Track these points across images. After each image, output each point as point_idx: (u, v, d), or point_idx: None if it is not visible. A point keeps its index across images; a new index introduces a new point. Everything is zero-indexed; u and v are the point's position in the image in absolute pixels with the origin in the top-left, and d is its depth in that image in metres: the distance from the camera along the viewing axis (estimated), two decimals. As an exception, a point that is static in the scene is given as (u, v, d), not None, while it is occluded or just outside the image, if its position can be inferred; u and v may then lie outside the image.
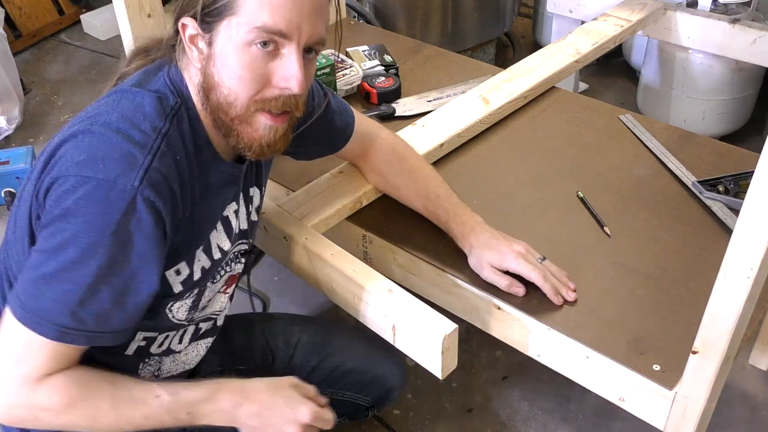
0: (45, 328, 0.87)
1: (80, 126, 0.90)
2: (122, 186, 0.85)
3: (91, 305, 0.87)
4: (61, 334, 0.88)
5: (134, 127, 0.89)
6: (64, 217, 0.86)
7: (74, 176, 0.86)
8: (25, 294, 0.88)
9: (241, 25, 0.88)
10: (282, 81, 0.92)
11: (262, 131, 0.95)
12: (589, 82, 2.75)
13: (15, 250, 0.97)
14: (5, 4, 3.04)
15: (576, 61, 1.75)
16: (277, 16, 0.88)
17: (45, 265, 0.87)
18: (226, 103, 0.92)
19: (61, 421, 0.92)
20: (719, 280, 0.84)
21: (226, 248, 1.07)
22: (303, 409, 1.03)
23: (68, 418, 0.92)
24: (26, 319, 0.87)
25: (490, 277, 1.15)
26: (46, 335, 0.87)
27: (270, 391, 1.03)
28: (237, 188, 1.07)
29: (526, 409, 1.66)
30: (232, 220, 1.08)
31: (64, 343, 0.88)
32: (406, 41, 1.98)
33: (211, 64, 0.92)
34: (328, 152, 1.30)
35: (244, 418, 1.01)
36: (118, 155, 0.87)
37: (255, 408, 1.01)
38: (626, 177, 1.42)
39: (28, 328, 0.87)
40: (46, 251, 0.87)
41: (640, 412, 1.07)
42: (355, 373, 1.39)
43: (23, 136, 2.65)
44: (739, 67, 2.20)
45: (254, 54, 0.90)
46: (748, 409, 1.63)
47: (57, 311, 0.87)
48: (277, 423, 1.01)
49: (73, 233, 0.85)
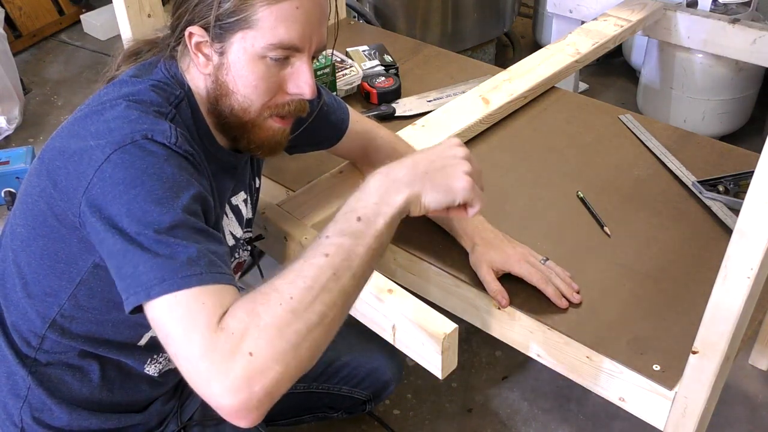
0: (197, 277, 0.77)
1: (88, 122, 0.89)
2: (161, 140, 0.85)
3: (208, 241, 0.82)
4: (215, 276, 0.79)
5: (145, 107, 0.91)
6: (125, 191, 0.81)
7: (113, 152, 0.83)
8: (144, 275, 0.78)
9: (257, 39, 0.91)
10: (295, 88, 0.96)
11: (272, 132, 0.99)
12: (589, 82, 2.75)
13: (32, 247, 0.96)
14: (5, 4, 3.04)
15: (576, 61, 1.75)
16: (292, 32, 0.91)
17: (142, 241, 0.79)
18: (240, 109, 0.96)
19: (270, 335, 0.74)
20: (719, 280, 0.84)
21: (239, 235, 1.12)
22: (457, 150, 0.91)
23: (269, 317, 0.75)
24: (163, 288, 0.77)
25: (485, 276, 1.15)
26: (204, 282, 0.77)
27: (417, 152, 0.92)
28: (241, 178, 1.11)
29: (526, 409, 1.66)
30: (242, 208, 1.12)
31: (206, 285, 0.78)
32: (406, 41, 1.98)
33: (224, 73, 0.94)
34: (323, 147, 1.31)
35: (408, 173, 0.87)
36: (143, 123, 0.87)
37: (409, 161, 0.88)
38: (626, 177, 1.42)
39: (169, 294, 0.76)
40: (128, 234, 0.80)
41: (640, 412, 1.07)
42: (350, 367, 1.41)
43: (23, 136, 2.66)
44: (739, 67, 2.20)
45: (268, 64, 0.93)
46: (748, 409, 1.63)
47: (194, 259, 0.78)
48: (444, 160, 0.90)
49: (144, 193, 0.81)
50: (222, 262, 0.82)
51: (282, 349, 0.74)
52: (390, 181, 0.86)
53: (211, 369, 0.73)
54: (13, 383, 1.02)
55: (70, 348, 1.01)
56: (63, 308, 0.97)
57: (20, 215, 0.98)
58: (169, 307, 0.77)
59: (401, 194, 0.86)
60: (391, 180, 0.86)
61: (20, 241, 0.99)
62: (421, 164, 0.88)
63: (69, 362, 1.02)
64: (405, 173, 0.87)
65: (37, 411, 1.02)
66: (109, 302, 0.96)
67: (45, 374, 1.02)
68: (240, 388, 0.72)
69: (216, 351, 0.73)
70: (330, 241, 0.81)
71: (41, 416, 1.02)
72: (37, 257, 0.96)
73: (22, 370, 1.02)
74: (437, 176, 0.88)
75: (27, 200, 0.97)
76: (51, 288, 0.97)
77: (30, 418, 1.02)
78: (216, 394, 0.73)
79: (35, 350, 1.01)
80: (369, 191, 0.86)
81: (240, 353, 0.73)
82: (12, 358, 1.02)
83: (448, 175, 0.88)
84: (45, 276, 0.97)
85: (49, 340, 1.00)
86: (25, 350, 1.02)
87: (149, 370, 1.08)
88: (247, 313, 0.75)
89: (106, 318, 0.99)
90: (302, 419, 1.49)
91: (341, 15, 2.08)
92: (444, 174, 0.88)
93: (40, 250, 0.96)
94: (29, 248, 0.97)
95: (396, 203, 0.85)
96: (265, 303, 0.76)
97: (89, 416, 1.04)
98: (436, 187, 0.87)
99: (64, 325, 0.99)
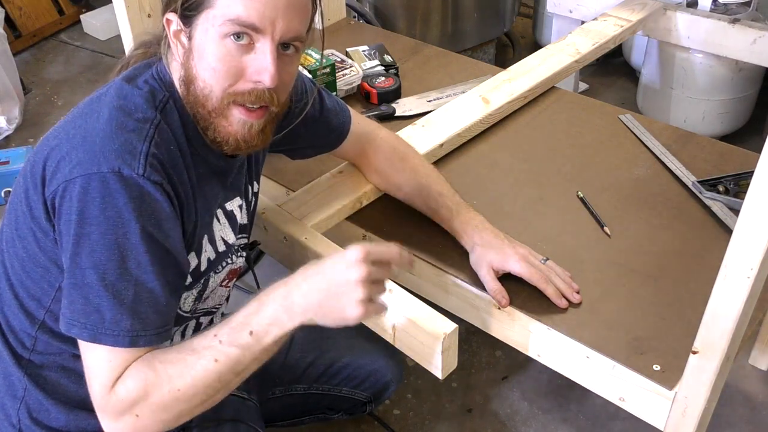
0: (117, 338, 0.87)
1: (72, 127, 0.92)
2: (128, 174, 0.86)
3: (146, 297, 0.89)
4: (133, 339, 0.88)
5: (127, 116, 0.91)
6: (84, 221, 0.86)
7: (79, 177, 0.86)
8: (80, 313, 0.88)
9: (216, 18, 0.90)
10: (255, 74, 0.92)
11: (237, 125, 0.96)
12: (589, 82, 2.75)
13: (18, 246, 0.97)
14: (5, 4, 3.04)
15: (576, 61, 1.75)
16: (250, 9, 0.89)
17: (85, 276, 0.87)
18: (202, 96, 0.94)
19: (154, 408, 0.89)
20: (719, 280, 0.84)
21: (231, 241, 1.10)
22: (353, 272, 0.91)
23: (157, 398, 0.88)
24: (83, 334, 0.88)
25: (485, 276, 1.15)
26: (121, 345, 0.88)
27: (313, 267, 0.93)
28: (236, 183, 1.09)
29: (526, 409, 1.66)
30: (237, 214, 1.10)
31: (137, 347, 0.89)
32: (406, 41, 1.97)
33: (191, 58, 0.94)
34: (324, 151, 1.31)
35: (303, 303, 0.91)
36: (116, 146, 0.88)
37: (306, 286, 0.91)
38: (626, 177, 1.42)
39: (101, 344, 0.88)
40: (78, 262, 0.87)
41: (640, 412, 1.07)
42: (351, 368, 1.40)
43: (23, 136, 2.66)
44: (739, 67, 2.20)
45: (228, 47, 0.91)
46: (748, 409, 1.63)
47: (119, 318, 0.87)
48: (338, 287, 0.91)
49: (99, 234, 0.86)
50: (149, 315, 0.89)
51: (164, 419, 0.90)
52: (286, 307, 0.91)
53: (104, 413, 0.90)
54: (9, 384, 1.02)
55: (63, 350, 1.01)
56: (49, 311, 0.98)
57: (7, 216, 1.00)
58: (86, 349, 0.90)
59: (293, 322, 0.92)
60: (287, 306, 0.91)
61: (5, 243, 1.00)
62: (317, 293, 0.91)
63: (64, 364, 1.02)
64: (301, 302, 0.91)
65: (34, 411, 1.02)
66: None
67: (41, 375, 1.02)
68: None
69: (107, 407, 0.89)
70: (222, 349, 0.90)
71: (39, 417, 1.02)
72: (18, 260, 0.97)
73: (18, 371, 1.02)
74: (330, 307, 0.91)
75: (13, 200, 0.98)
76: (35, 291, 0.98)
77: (27, 419, 1.02)
78: (106, 429, 0.91)
79: (29, 351, 1.01)
80: (266, 310, 0.91)
81: (128, 414, 0.89)
82: (8, 358, 1.02)
83: (343, 307, 0.91)
84: (27, 279, 0.97)
85: (42, 341, 1.00)
86: (21, 351, 1.02)
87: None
88: (137, 387, 0.88)
89: None
90: (302, 420, 1.49)
91: (341, 15, 2.07)
92: (338, 305, 0.91)
93: (21, 253, 0.97)
94: (12, 250, 0.98)
95: (287, 328, 0.92)
96: (156, 385, 0.88)
97: (87, 417, 1.04)
98: (328, 317, 0.92)
99: (53, 327, 0.98)
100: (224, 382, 0.91)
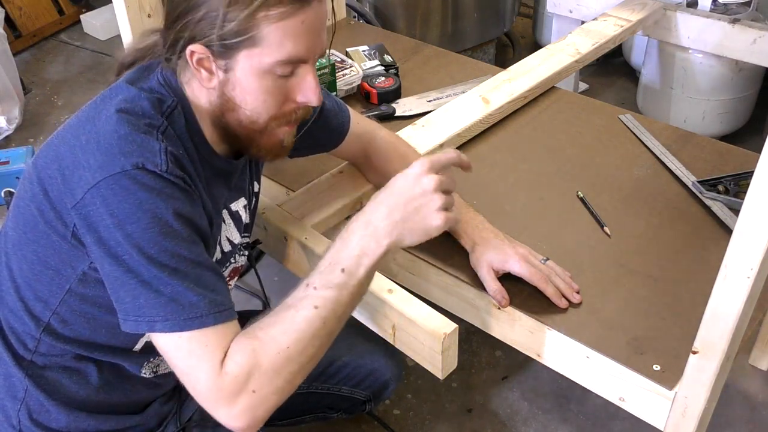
0: (202, 319, 0.86)
1: (82, 132, 0.91)
2: (152, 168, 0.87)
3: (208, 275, 0.89)
4: (216, 316, 0.87)
5: (137, 119, 0.91)
6: (121, 222, 0.85)
7: (103, 180, 0.86)
8: (155, 307, 0.85)
9: (264, 56, 0.90)
10: (303, 98, 0.97)
11: (280, 136, 1.00)
12: (589, 82, 2.76)
13: (26, 250, 0.97)
14: (5, 4, 3.04)
15: (576, 61, 1.75)
16: (299, 46, 0.91)
17: (145, 273, 0.85)
18: (249, 122, 0.97)
19: (269, 375, 0.87)
20: (719, 280, 0.84)
21: (237, 241, 1.11)
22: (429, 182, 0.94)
23: (268, 362, 0.86)
24: (167, 326, 0.85)
25: (485, 276, 1.15)
26: (208, 324, 0.86)
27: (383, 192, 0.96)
28: (240, 183, 1.10)
29: (526, 409, 1.66)
30: (242, 214, 1.12)
31: (222, 323, 0.87)
32: (406, 41, 1.97)
33: (230, 88, 0.94)
34: (323, 150, 1.31)
35: (386, 225, 0.92)
36: (134, 146, 0.88)
37: (384, 208, 0.93)
38: (626, 177, 1.42)
39: (190, 331, 0.85)
40: (130, 264, 0.85)
41: (640, 412, 1.07)
42: (350, 367, 1.41)
43: (23, 136, 2.66)
44: (739, 67, 2.20)
45: (275, 78, 0.94)
46: (748, 409, 1.63)
47: (195, 300, 0.86)
48: (417, 200, 0.93)
49: (141, 229, 0.85)
50: (218, 291, 0.89)
51: (279, 385, 0.88)
52: (370, 233, 0.92)
53: (219, 402, 0.86)
54: (10, 385, 1.02)
55: (66, 351, 1.01)
56: (55, 313, 0.97)
57: (12, 218, 0.99)
58: (173, 344, 0.86)
59: (382, 246, 0.92)
60: (372, 231, 0.92)
61: (11, 245, 0.99)
62: (397, 211, 0.93)
63: (66, 365, 1.02)
64: (385, 224, 0.92)
65: (34, 413, 1.02)
66: (102, 308, 0.96)
67: (42, 376, 1.02)
68: (244, 415, 0.86)
69: (222, 391, 0.85)
70: (318, 294, 0.90)
71: (39, 418, 1.02)
72: (27, 262, 0.97)
73: (19, 372, 1.01)
74: (414, 221, 0.93)
75: (20, 203, 0.97)
76: (42, 293, 0.97)
77: (28, 420, 1.02)
78: (223, 418, 0.87)
79: (32, 353, 1.01)
80: (351, 243, 0.92)
81: (244, 392, 0.85)
82: (9, 360, 1.02)
83: (424, 217, 0.93)
84: (35, 281, 0.97)
85: (45, 343, 1.00)
86: (22, 352, 1.02)
87: (146, 373, 1.08)
88: (248, 358, 0.86)
89: (99, 323, 0.99)
90: (302, 420, 1.49)
91: (340, 15, 2.07)
92: (420, 217, 0.93)
93: (30, 256, 0.96)
94: (20, 252, 0.98)
95: (377, 255, 0.92)
96: (264, 350, 0.87)
97: (87, 418, 1.04)
98: (414, 232, 0.93)
99: (58, 329, 0.99)
100: (329, 328, 0.90)
